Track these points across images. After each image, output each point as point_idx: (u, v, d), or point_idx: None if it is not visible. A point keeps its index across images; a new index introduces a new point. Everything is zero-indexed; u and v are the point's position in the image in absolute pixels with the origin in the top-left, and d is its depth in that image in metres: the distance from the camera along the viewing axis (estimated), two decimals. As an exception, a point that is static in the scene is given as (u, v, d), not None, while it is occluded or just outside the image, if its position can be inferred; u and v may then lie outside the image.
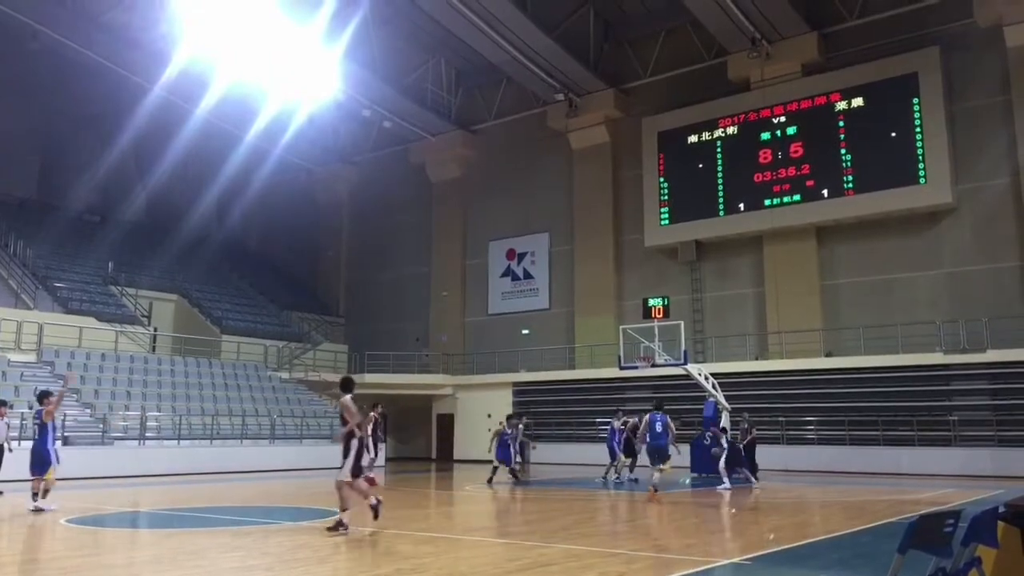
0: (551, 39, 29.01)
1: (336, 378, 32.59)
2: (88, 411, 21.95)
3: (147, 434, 22.46)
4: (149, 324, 29.50)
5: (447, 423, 33.78)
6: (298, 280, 41.06)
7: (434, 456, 33.81)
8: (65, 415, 20.42)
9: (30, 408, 20.15)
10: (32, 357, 24.00)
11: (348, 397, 10.30)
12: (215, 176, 35.10)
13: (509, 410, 31.34)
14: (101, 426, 21.25)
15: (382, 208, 38.86)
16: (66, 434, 20.20)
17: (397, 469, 26.71)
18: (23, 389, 21.31)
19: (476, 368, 33.84)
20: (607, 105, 32.12)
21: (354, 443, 10.05)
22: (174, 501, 14.48)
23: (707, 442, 20.12)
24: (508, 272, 35.01)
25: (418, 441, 34.85)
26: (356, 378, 36.45)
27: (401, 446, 34.65)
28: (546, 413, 30.92)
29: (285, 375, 30.68)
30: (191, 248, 35.28)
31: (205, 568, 7.91)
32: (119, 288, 30.27)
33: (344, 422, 10.24)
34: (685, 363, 20.36)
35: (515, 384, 31.49)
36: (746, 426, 19.25)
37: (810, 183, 27.47)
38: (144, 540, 10.42)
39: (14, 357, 23.24)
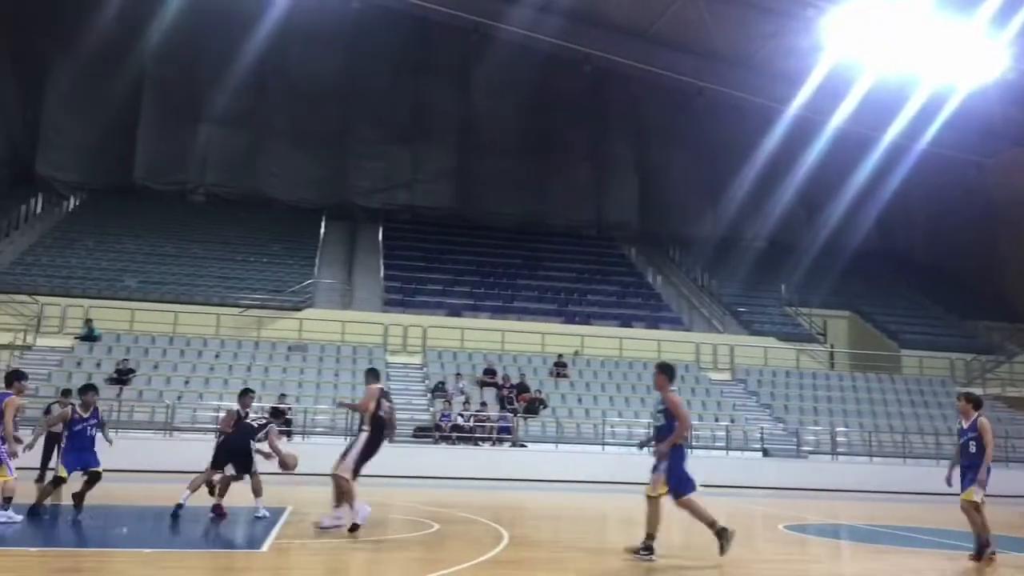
0: None
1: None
2: (781, 425, 23.65)
3: (838, 450, 23.13)
4: (825, 341, 30.39)
5: None
6: (975, 285, 37.11)
7: None
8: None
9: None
10: (727, 376, 27.01)
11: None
12: (849, 187, 34.64)
13: None
14: (795, 440, 22.67)
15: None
16: (765, 446, 22.15)
17: None
18: (724, 404, 24.21)
19: None
20: None
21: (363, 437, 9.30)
22: (870, 517, 14.49)
23: None
24: None
25: None
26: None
27: None
28: None
29: (978, 391, 27.93)
30: (853, 264, 35.09)
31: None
32: (794, 309, 31.95)
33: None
34: None
35: None
36: None
37: None
38: (854, 553, 10.58)
39: (713, 376, 26.51)
